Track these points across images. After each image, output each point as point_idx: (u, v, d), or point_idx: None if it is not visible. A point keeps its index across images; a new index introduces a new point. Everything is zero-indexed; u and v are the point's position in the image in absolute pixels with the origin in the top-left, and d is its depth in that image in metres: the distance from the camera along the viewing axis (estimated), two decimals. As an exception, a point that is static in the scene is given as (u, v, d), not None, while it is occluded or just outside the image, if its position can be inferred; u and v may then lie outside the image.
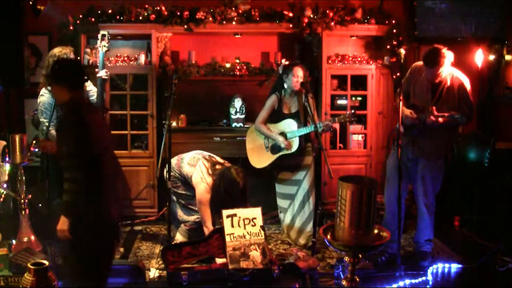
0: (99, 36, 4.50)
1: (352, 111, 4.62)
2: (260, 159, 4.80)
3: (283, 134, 4.67)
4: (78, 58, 5.43)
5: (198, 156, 4.53)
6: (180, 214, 4.63)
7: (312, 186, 4.69)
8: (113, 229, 3.06)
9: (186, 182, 4.52)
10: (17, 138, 3.96)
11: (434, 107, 4.10)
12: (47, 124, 4.13)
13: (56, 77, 3.01)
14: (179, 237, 4.58)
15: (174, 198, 4.61)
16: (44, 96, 4.29)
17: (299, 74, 4.60)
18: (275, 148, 4.73)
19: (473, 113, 4.24)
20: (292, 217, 4.77)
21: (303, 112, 4.63)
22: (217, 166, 4.41)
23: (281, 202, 4.88)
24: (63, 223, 2.83)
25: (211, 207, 4.36)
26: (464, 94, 4.15)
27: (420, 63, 4.28)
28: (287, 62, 5.09)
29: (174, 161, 4.55)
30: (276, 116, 4.76)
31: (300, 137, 4.62)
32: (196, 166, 4.44)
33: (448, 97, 4.15)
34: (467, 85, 4.16)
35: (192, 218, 4.59)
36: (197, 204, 4.40)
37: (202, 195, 4.33)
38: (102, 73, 4.38)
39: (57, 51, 4.42)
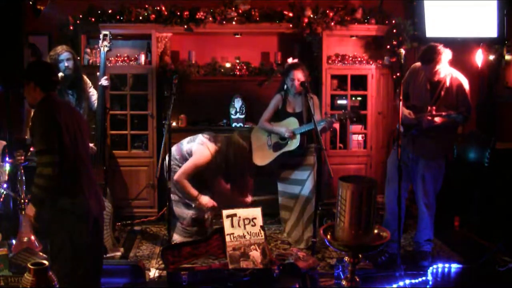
0: (101, 36, 4.52)
1: (352, 108, 4.62)
2: (262, 157, 4.81)
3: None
4: (79, 58, 5.43)
5: (196, 135, 4.60)
6: (178, 211, 4.59)
7: (315, 186, 4.69)
8: (96, 223, 3.04)
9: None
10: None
11: (434, 107, 4.10)
12: None
13: (30, 76, 3.02)
14: (176, 237, 4.58)
15: (177, 197, 4.57)
16: None
17: (296, 77, 4.59)
18: (277, 146, 4.73)
19: (471, 113, 4.24)
20: (296, 216, 4.76)
21: (307, 112, 4.64)
22: (219, 137, 4.50)
23: (285, 201, 4.87)
24: (30, 209, 2.94)
25: (223, 176, 4.48)
26: (462, 94, 4.15)
27: (418, 64, 4.29)
28: (295, 60, 4.97)
29: (173, 149, 4.54)
30: (280, 115, 4.77)
31: (302, 135, 4.62)
32: (195, 139, 4.51)
33: (446, 97, 4.15)
34: (466, 85, 4.17)
35: (189, 213, 4.57)
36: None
37: (201, 156, 4.37)
38: (103, 81, 4.38)
39: (58, 48, 4.46)
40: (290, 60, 4.89)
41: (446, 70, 4.14)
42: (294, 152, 4.67)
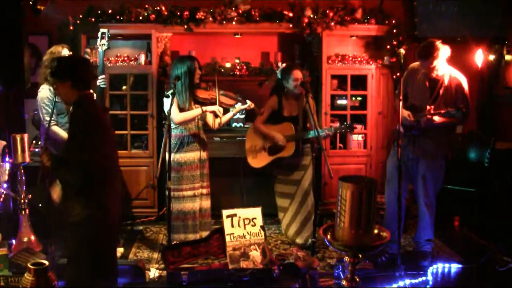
0: (99, 34, 4.48)
1: (349, 123, 4.60)
2: (257, 159, 4.81)
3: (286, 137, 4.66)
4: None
5: None
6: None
7: (310, 186, 4.69)
8: (114, 229, 3.04)
9: None
10: (18, 138, 3.94)
11: (432, 106, 4.11)
12: (48, 119, 4.04)
13: (58, 74, 2.86)
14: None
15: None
16: (42, 91, 4.28)
17: (298, 77, 4.59)
18: (272, 149, 4.73)
19: (469, 110, 4.25)
20: (291, 217, 4.77)
21: (303, 116, 4.64)
22: None
23: (281, 202, 4.88)
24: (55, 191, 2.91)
25: None
26: (461, 92, 4.17)
27: (416, 64, 4.31)
28: (284, 65, 5.04)
29: None
30: (276, 117, 4.75)
31: (297, 141, 4.63)
32: None
33: (445, 96, 4.16)
34: (465, 84, 4.19)
35: None
36: None
37: None
38: (100, 82, 4.33)
39: (53, 49, 4.40)
40: (281, 64, 4.90)
41: (444, 69, 4.15)
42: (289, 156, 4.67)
